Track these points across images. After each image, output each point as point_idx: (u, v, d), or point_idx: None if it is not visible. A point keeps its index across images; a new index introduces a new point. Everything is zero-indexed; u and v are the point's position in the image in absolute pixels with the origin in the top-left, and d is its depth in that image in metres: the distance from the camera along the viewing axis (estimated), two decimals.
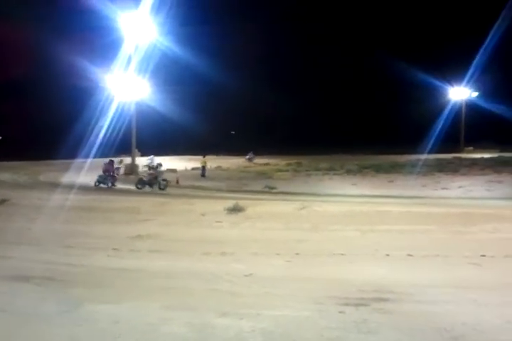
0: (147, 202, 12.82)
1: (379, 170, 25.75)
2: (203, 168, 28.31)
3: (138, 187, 20.18)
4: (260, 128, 54.99)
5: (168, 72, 39.69)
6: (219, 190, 20.47)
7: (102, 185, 21.61)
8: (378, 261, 6.74)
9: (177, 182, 24.20)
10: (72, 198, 13.81)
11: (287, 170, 28.26)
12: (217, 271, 6.26)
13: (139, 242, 8.42)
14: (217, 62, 45.84)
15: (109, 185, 21.50)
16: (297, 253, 7.27)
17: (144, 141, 34.73)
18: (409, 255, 7.00)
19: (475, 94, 47.00)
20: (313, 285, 5.57)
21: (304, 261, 6.91)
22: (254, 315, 4.53)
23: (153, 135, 41.14)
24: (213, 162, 32.80)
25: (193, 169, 30.23)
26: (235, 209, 10.68)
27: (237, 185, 21.37)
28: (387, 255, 7.07)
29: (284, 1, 58.38)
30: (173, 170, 30.98)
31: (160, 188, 19.68)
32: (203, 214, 10.66)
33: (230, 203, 11.05)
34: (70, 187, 18.94)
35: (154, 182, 19.93)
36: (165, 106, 38.67)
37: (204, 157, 29.12)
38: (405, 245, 7.66)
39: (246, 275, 6.02)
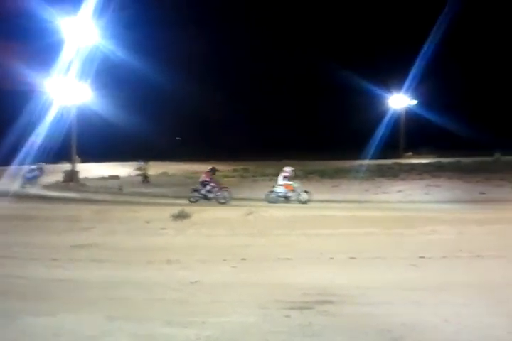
0: (87, 210, 12.41)
1: (323, 175, 26.23)
2: (145, 174, 27.85)
3: (271, 202, 16.80)
4: (207, 134, 54.75)
5: (111, 76, 38.78)
6: (164, 196, 20.16)
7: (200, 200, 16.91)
8: (323, 265, 6.86)
9: (120, 189, 23.64)
10: (7, 206, 13.18)
11: (234, 176, 28.29)
12: (163, 279, 6.16)
13: (79, 251, 8.13)
14: (162, 66, 45.15)
15: (221, 201, 16.79)
16: (244, 259, 7.27)
17: (85, 146, 33.67)
18: (352, 258, 7.18)
19: (414, 102, 49.01)
20: (260, 291, 5.59)
21: (251, 266, 6.93)
22: (200, 322, 4.48)
23: (96, 140, 40.00)
24: (158, 168, 32.29)
25: (137, 175, 29.61)
26: (181, 216, 10.54)
27: (182, 191, 21.11)
28: (331, 258, 7.21)
29: (230, 4, 58.58)
30: (116, 177, 30.27)
31: (301, 201, 16.75)
32: (147, 222, 10.45)
33: (176, 210, 10.90)
34: (3, 195, 18.04)
35: (291, 194, 17.06)
36: (109, 110, 37.75)
37: (146, 163, 28.60)
38: (349, 248, 7.85)
39: (192, 283, 5.95)
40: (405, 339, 4.07)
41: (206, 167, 19.14)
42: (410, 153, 46.32)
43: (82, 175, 30.24)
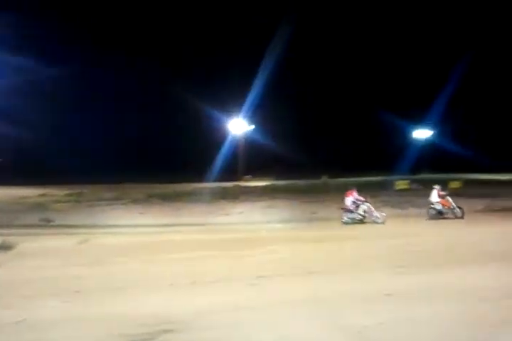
0: None
1: (166, 198, 25.88)
2: None
3: (432, 218, 16.97)
4: (32, 156, 49.92)
5: None
6: None
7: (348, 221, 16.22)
8: (163, 292, 6.62)
9: None
10: None
11: (67, 201, 26.28)
12: None
13: None
14: None
15: (378, 221, 16.08)
16: (77, 291, 6.68)
17: None
18: (193, 282, 7.08)
19: (252, 127, 51.55)
20: (95, 325, 5.17)
21: (85, 299, 6.39)
22: None
23: None
24: None
25: None
26: (2, 247, 9.39)
27: (6, 218, 18.88)
28: (171, 284, 7.02)
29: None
30: None
31: (457, 216, 17.03)
32: None
33: None
34: None
35: (447, 210, 17.29)
36: None
37: None
38: (189, 272, 7.76)
39: (17, 322, 5.25)
40: None
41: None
42: (249, 176, 48.38)
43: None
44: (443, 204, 17.33)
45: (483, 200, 22.91)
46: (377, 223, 15.86)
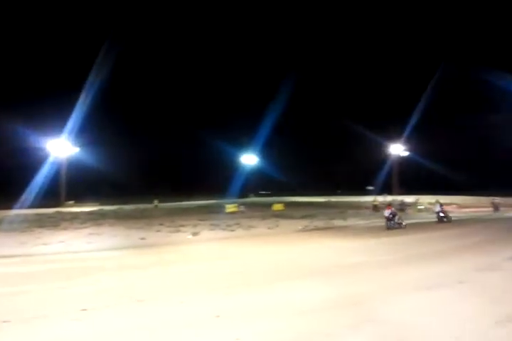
0: None
1: None
2: None
3: (440, 222, 24.24)
4: None
5: None
6: None
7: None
8: None
9: None
10: None
11: None
12: None
13: None
14: None
15: (403, 226, 21.90)
16: None
17: None
18: (6, 321, 6.18)
19: (77, 149, 47.96)
20: None
21: None
22: None
23: None
24: None
25: None
26: None
27: None
28: None
29: None
30: None
31: (449, 221, 24.41)
32: None
33: None
34: None
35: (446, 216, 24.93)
36: None
37: None
38: (1, 310, 6.74)
39: None
40: None
41: None
42: (72, 202, 45.20)
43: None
44: (443, 212, 25.01)
45: (302, 221, 24.94)
46: (401, 228, 21.59)
